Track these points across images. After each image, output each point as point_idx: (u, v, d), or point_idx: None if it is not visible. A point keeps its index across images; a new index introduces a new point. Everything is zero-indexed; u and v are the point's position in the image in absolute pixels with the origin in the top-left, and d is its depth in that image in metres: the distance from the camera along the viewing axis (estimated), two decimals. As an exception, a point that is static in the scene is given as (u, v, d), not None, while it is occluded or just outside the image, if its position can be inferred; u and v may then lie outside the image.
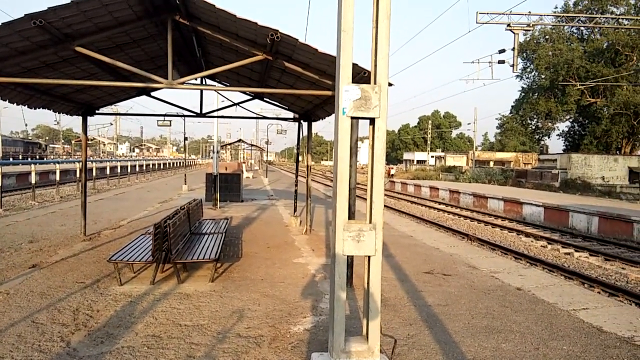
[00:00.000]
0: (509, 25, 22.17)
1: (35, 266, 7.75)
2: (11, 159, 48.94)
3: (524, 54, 47.43)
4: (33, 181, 20.14)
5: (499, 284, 7.54)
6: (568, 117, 49.98)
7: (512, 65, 23.73)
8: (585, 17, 26.26)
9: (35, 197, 19.56)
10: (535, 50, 46.58)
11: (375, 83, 3.79)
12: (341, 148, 3.75)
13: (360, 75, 5.98)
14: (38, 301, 6.00)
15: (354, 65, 5.68)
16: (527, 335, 5.30)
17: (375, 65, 3.80)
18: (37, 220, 12.86)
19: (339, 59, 3.76)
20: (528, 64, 49.26)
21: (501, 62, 27.56)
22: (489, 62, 28.84)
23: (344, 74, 3.72)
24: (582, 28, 43.61)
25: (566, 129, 52.83)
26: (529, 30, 24.10)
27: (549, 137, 57.64)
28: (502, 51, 26.32)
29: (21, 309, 5.68)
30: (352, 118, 3.77)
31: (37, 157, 62.89)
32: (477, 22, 22.08)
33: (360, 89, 3.71)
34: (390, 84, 5.84)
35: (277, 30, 6.00)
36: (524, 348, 4.93)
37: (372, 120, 3.82)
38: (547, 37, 46.55)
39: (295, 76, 8.15)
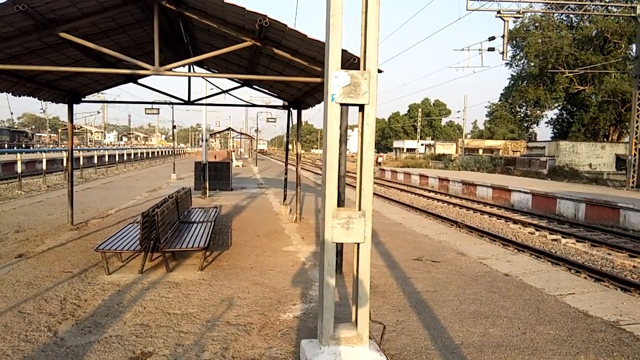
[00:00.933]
0: (499, 12, 22.17)
1: (22, 256, 7.66)
2: (-3, 148, 48.23)
3: (514, 42, 47.44)
4: (19, 170, 19.87)
5: (487, 270, 7.60)
6: (557, 104, 50.23)
7: (502, 53, 23.80)
8: (575, 4, 26.29)
9: (22, 186, 19.32)
10: (525, 38, 46.60)
11: (364, 69, 3.75)
12: (330, 135, 3.72)
13: (350, 62, 5.93)
14: (24, 291, 5.93)
15: (344, 52, 5.63)
16: (514, 320, 5.36)
17: (365, 51, 3.76)
18: (24, 210, 12.71)
19: (328, 44, 3.71)
20: (518, 52, 49.30)
21: (491, 49, 27.60)
22: (479, 50, 28.87)
23: (333, 59, 3.68)
24: (571, 15, 43.65)
25: (555, 117, 53.18)
26: (519, 18, 24.11)
27: (537, 125, 57.98)
28: (492, 38, 26.37)
29: (7, 299, 5.62)
30: (342, 105, 3.74)
31: (24, 145, 62.09)
32: (467, 9, 22.04)
33: (350, 74, 3.67)
34: (380, 71, 5.79)
35: (266, 16, 5.91)
36: (511, 333, 4.98)
37: (361, 107, 3.78)
38: (536, 24, 46.57)
39: (285, 63, 8.08)
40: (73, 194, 10.56)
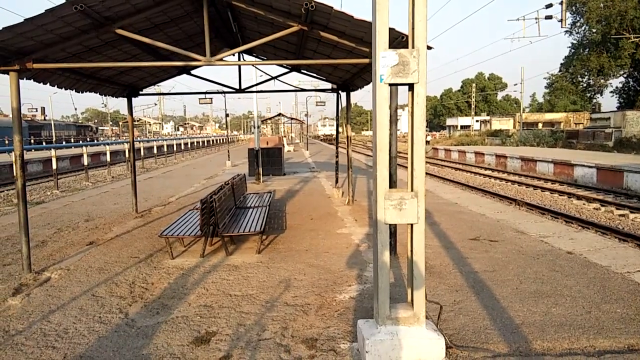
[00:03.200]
0: (555, -23, 20.94)
1: (92, 243, 8.16)
2: (63, 142, 51.23)
3: (573, 8, 44.79)
4: (85, 163, 21.03)
5: (549, 248, 7.35)
6: (622, 72, 47.13)
7: (561, 20, 22.58)
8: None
9: (89, 177, 20.46)
10: (585, 3, 43.87)
11: (413, 47, 3.69)
12: (380, 116, 3.70)
13: (398, 40, 5.83)
14: (96, 276, 6.34)
15: (391, 30, 5.53)
16: (578, 299, 5.18)
17: (413, 29, 3.69)
18: (92, 200, 13.48)
19: (374, 24, 3.67)
20: (578, 18, 46.54)
21: (548, 17, 26.24)
22: (535, 19, 27.53)
23: (381, 39, 3.64)
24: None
25: (620, 85, 49.94)
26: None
27: (601, 95, 54.63)
28: (549, 6, 25.01)
29: (81, 284, 6.03)
30: (390, 85, 3.70)
31: (88, 139, 65.58)
32: (521, -23, 20.95)
33: (398, 54, 3.62)
34: (429, 47, 5.66)
35: (311, -1, 5.90)
36: (575, 312, 4.83)
37: (411, 86, 3.73)
38: (598, -13, 43.71)
39: (332, 45, 8.04)
40: (136, 183, 11.09)
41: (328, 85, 12.31)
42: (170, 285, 5.92)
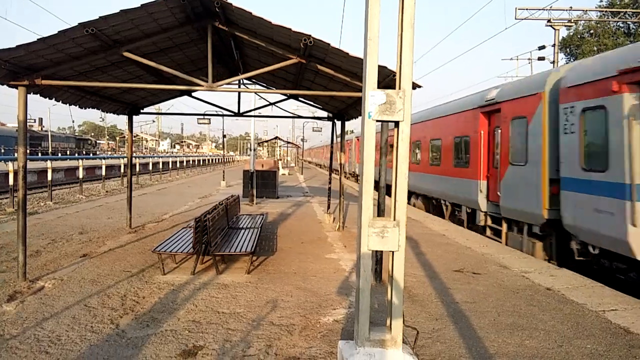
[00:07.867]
0: (549, 20, 21.75)
1: (86, 256, 8.33)
2: (59, 154, 51.32)
3: (567, 50, 46.05)
4: (80, 176, 21.18)
5: (529, 283, 7.59)
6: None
7: (553, 62, 23.28)
8: (631, 11, 25.42)
9: (83, 191, 20.59)
10: (579, 46, 45.18)
11: (399, 88, 4.01)
12: (367, 149, 4.00)
13: (390, 78, 6.20)
14: (89, 287, 6.52)
15: (384, 68, 5.91)
16: (551, 333, 5.40)
17: (400, 71, 4.02)
18: (86, 213, 13.64)
19: (365, 66, 4.00)
20: (571, 60, 47.82)
21: (541, 58, 27.03)
22: (529, 59, 28.40)
23: (370, 80, 3.96)
24: (628, 22, 42.00)
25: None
26: (571, 26, 23.59)
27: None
28: (542, 47, 25.82)
29: (74, 294, 6.21)
30: (378, 121, 4.01)
31: (84, 152, 65.76)
32: (515, 18, 21.75)
33: (385, 94, 3.94)
34: (418, 86, 6.04)
35: (310, 35, 6.28)
36: (547, 345, 5.05)
37: (396, 124, 4.04)
38: (591, 31, 45.05)
39: (328, 78, 8.42)
40: (131, 199, 11.29)
41: (324, 113, 12.69)
42: (160, 299, 6.10)
